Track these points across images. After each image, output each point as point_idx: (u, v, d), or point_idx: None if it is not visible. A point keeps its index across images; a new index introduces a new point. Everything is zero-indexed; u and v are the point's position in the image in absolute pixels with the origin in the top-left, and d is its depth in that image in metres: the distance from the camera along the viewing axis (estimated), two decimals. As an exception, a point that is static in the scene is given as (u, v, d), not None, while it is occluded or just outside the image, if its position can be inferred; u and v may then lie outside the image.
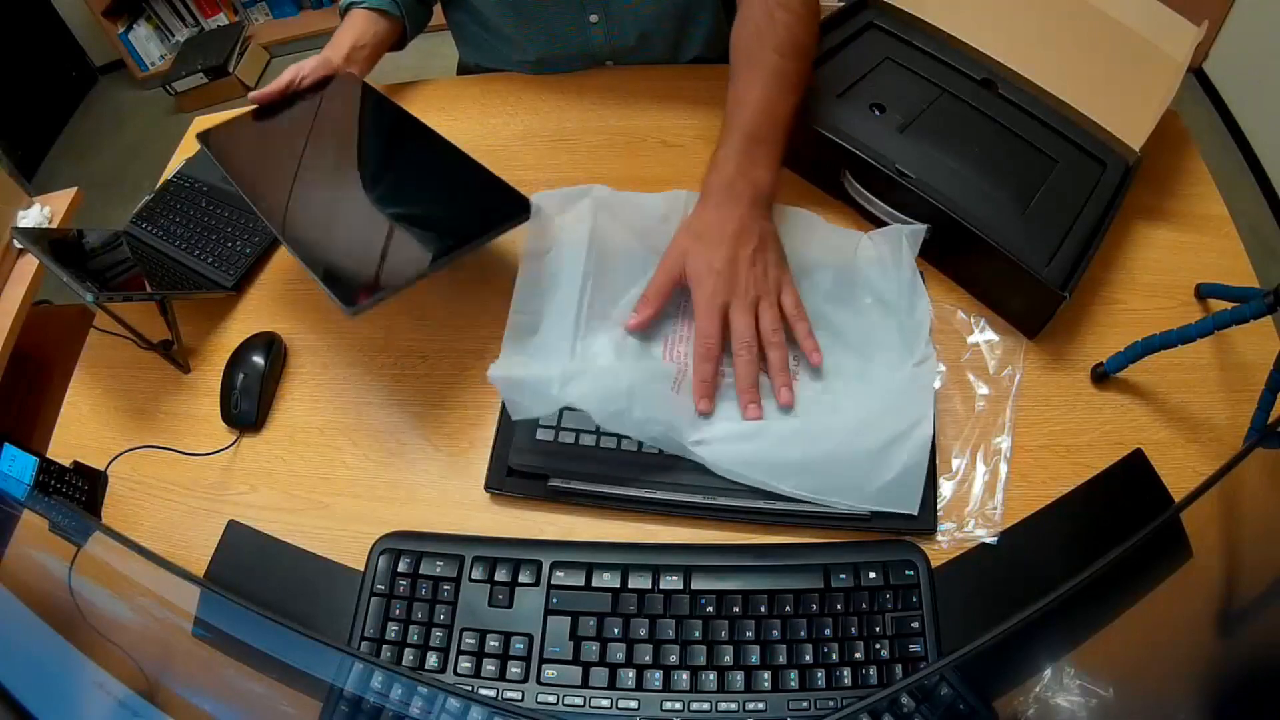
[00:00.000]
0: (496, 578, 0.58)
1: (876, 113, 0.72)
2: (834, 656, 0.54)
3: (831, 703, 0.53)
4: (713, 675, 0.54)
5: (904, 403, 0.61)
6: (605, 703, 0.54)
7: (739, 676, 0.54)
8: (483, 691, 0.55)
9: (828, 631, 0.55)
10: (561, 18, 0.85)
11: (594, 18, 0.86)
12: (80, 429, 0.73)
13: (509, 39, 0.90)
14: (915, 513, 0.58)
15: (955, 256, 0.69)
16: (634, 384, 0.60)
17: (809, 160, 0.75)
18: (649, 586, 0.57)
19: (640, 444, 0.62)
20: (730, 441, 0.60)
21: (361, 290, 0.58)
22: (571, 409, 0.61)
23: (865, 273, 0.68)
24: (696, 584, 0.57)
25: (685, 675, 0.54)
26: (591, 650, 0.56)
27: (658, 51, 0.91)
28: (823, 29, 0.76)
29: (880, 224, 0.71)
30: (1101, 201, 0.67)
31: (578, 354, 0.64)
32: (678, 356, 0.65)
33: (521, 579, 0.58)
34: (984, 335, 0.68)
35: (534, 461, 0.63)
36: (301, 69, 0.77)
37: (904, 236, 0.68)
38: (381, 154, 0.75)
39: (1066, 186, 0.67)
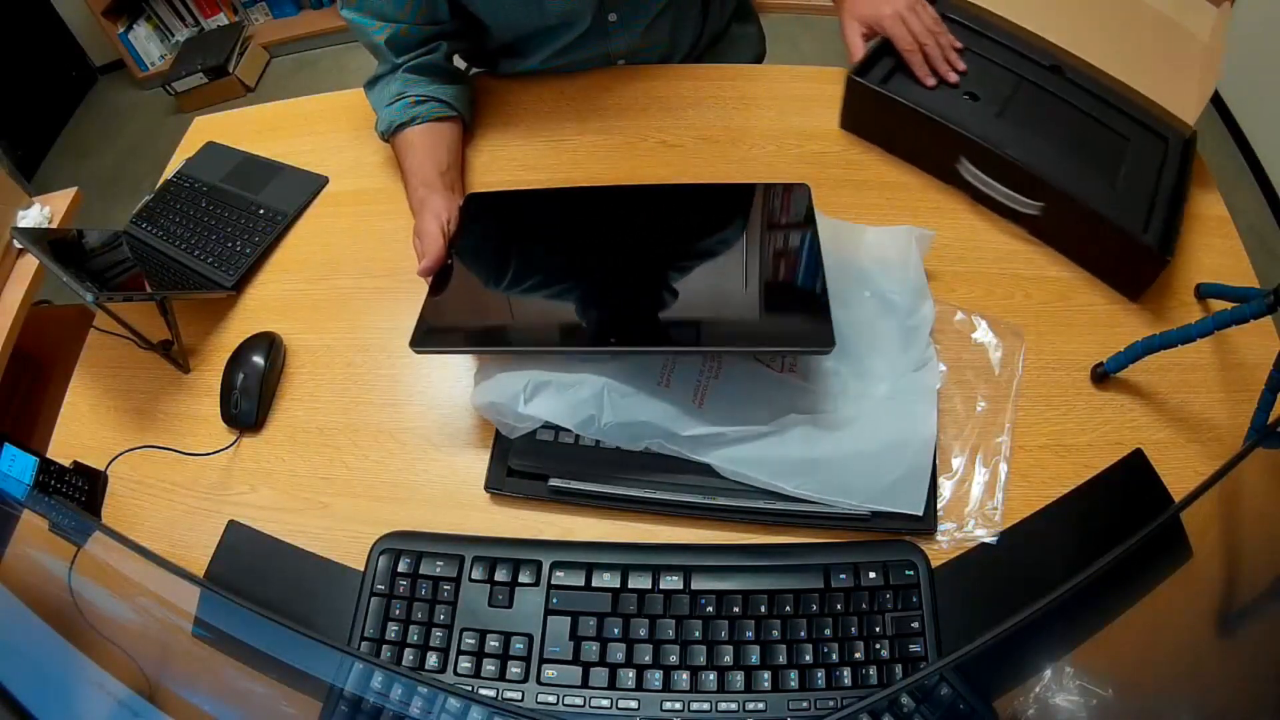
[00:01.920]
0: (496, 578, 0.58)
1: (973, 101, 0.76)
2: (834, 656, 0.54)
3: (831, 703, 0.53)
4: (713, 675, 0.54)
5: (907, 403, 0.61)
6: (605, 703, 0.54)
7: (739, 676, 0.54)
8: (483, 691, 0.55)
9: (828, 631, 0.55)
10: (583, 21, 0.84)
11: (613, 16, 0.86)
12: (80, 429, 0.73)
13: (527, 48, 0.89)
14: (920, 513, 0.58)
15: (1063, 231, 0.72)
16: (605, 386, 0.60)
17: (922, 149, 0.78)
18: (649, 587, 0.57)
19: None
20: (732, 442, 0.60)
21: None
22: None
23: (868, 268, 0.68)
24: (696, 584, 0.57)
25: (685, 675, 0.54)
26: (591, 650, 0.56)
27: (672, 37, 0.91)
28: None
29: (995, 205, 0.74)
30: (1172, 172, 0.71)
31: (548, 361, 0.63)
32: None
33: (521, 579, 0.58)
34: (984, 335, 0.68)
35: (534, 462, 0.63)
36: (440, 217, 0.67)
37: (913, 239, 0.68)
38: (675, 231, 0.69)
39: (1142, 161, 0.72)
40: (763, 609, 0.56)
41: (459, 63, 0.90)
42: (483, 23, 0.84)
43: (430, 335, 0.60)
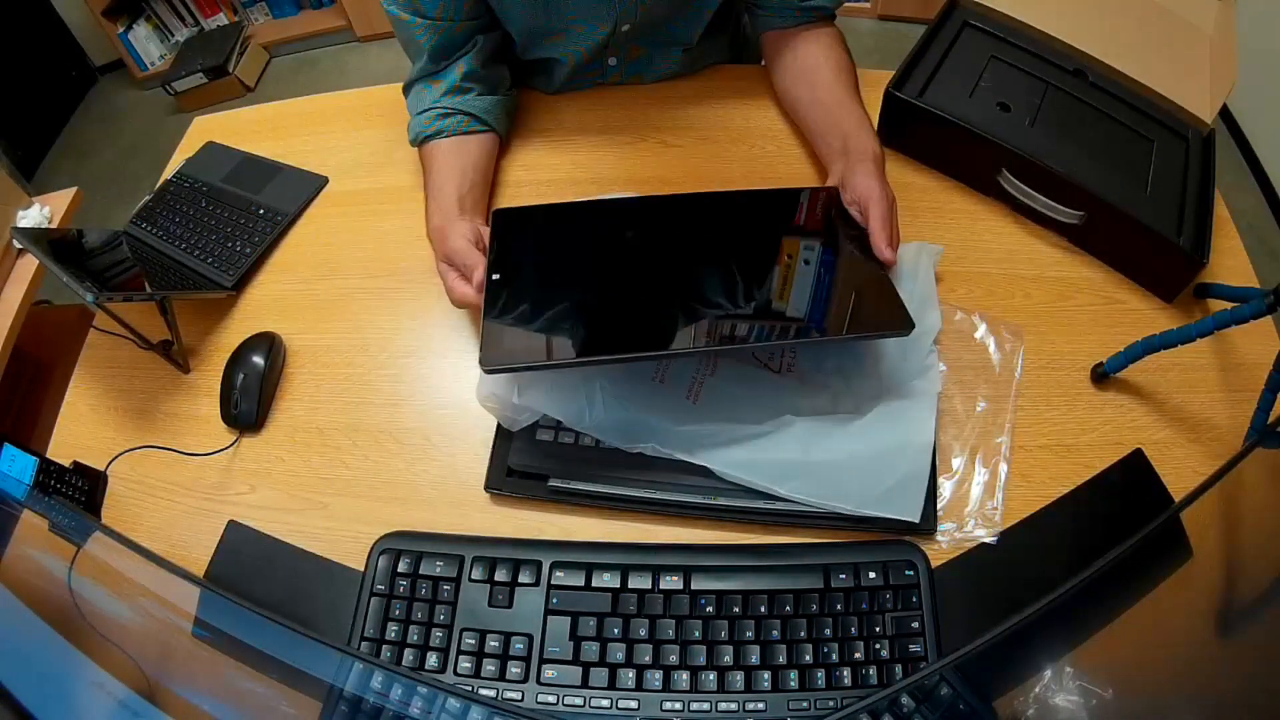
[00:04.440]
0: (496, 578, 0.58)
1: (1005, 111, 0.76)
2: (834, 656, 0.54)
3: (831, 703, 0.53)
4: (713, 675, 0.54)
5: (905, 408, 0.61)
6: (605, 703, 0.54)
7: (739, 676, 0.54)
8: (483, 691, 0.55)
9: (827, 631, 0.55)
10: (580, 58, 0.84)
11: (612, 60, 0.86)
12: (80, 429, 0.73)
13: (529, 76, 0.89)
14: (916, 519, 0.57)
15: (1100, 238, 0.72)
16: (598, 380, 0.60)
17: (962, 161, 0.77)
18: (649, 587, 0.57)
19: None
20: (727, 442, 0.60)
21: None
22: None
23: None
24: (696, 584, 0.57)
25: (685, 675, 0.54)
26: (591, 650, 0.56)
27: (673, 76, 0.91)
28: (927, 35, 0.81)
29: (1035, 215, 0.74)
30: (1196, 172, 0.72)
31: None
32: None
33: (521, 579, 0.58)
34: (984, 335, 0.68)
35: (534, 462, 0.63)
36: (467, 238, 0.65)
37: (924, 253, 0.69)
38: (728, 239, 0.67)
39: (1167, 163, 0.73)
40: (763, 609, 0.56)
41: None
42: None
43: (500, 355, 0.57)
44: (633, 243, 0.67)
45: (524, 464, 0.63)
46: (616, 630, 0.56)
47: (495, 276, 0.62)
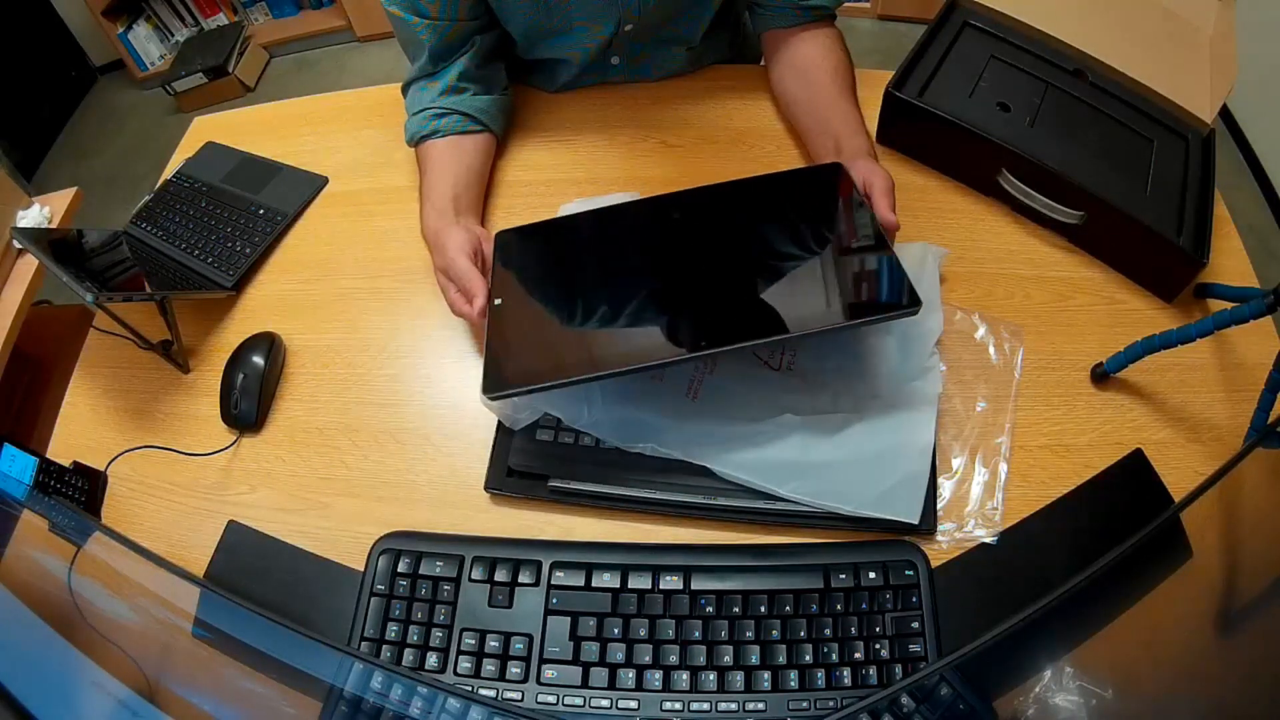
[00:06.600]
0: (496, 578, 0.58)
1: (1005, 111, 0.76)
2: (834, 656, 0.54)
3: (831, 703, 0.53)
4: (712, 675, 0.54)
5: (906, 410, 0.61)
6: (605, 703, 0.54)
7: (739, 676, 0.54)
8: (483, 691, 0.55)
9: (827, 631, 0.55)
10: (584, 58, 0.84)
11: (615, 60, 0.87)
12: (80, 429, 0.73)
13: (532, 75, 0.90)
14: (916, 521, 0.57)
15: (1100, 238, 0.72)
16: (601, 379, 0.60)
17: (962, 161, 0.77)
18: (649, 587, 0.57)
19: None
20: (726, 440, 0.60)
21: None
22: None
23: None
24: (696, 584, 0.57)
25: (685, 675, 0.54)
26: (591, 650, 0.56)
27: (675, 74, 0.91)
28: (927, 35, 0.81)
29: (1035, 215, 0.74)
30: (1196, 172, 0.72)
31: None
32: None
33: (521, 579, 0.58)
34: (984, 335, 0.68)
35: (534, 462, 0.63)
36: (465, 251, 0.65)
37: (929, 255, 0.69)
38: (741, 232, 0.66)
39: (1168, 163, 0.73)
40: (762, 609, 0.56)
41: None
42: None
43: (502, 380, 0.56)
44: (631, 252, 0.66)
45: (524, 464, 0.63)
46: (616, 630, 0.56)
47: (498, 301, 0.62)
